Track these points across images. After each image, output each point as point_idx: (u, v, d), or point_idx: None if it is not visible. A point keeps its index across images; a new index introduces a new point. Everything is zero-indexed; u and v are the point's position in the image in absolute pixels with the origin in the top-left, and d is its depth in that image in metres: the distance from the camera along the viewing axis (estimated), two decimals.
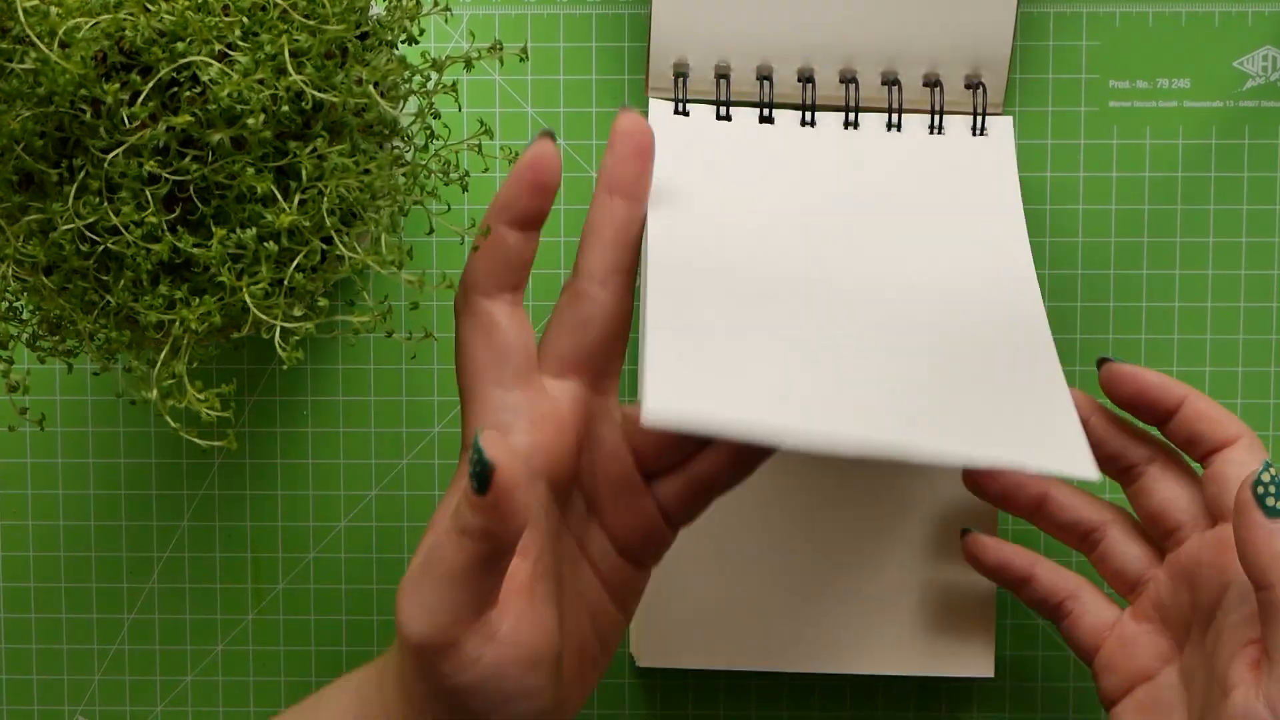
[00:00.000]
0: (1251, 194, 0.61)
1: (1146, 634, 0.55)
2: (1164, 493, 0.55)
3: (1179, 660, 0.54)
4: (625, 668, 0.63)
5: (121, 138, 0.45)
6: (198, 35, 0.45)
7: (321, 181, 0.47)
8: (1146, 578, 0.55)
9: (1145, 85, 0.61)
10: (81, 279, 0.47)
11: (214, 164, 0.46)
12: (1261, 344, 0.61)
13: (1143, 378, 0.55)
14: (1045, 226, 0.61)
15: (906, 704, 0.62)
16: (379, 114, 0.48)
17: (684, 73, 0.59)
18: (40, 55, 0.44)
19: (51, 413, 0.62)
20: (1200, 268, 0.61)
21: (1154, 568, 0.55)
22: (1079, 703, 0.62)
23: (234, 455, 0.62)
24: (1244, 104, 0.61)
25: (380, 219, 0.49)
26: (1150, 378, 0.55)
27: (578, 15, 0.61)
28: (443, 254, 0.61)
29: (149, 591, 0.62)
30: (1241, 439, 0.53)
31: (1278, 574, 0.49)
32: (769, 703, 0.62)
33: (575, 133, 0.61)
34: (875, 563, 0.59)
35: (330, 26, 0.47)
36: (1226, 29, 0.61)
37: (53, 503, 0.62)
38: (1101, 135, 0.61)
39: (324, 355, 0.62)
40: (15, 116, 0.45)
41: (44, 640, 0.63)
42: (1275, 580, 0.49)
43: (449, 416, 0.62)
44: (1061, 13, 0.61)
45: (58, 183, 0.46)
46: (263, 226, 0.46)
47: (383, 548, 0.62)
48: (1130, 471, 0.56)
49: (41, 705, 0.63)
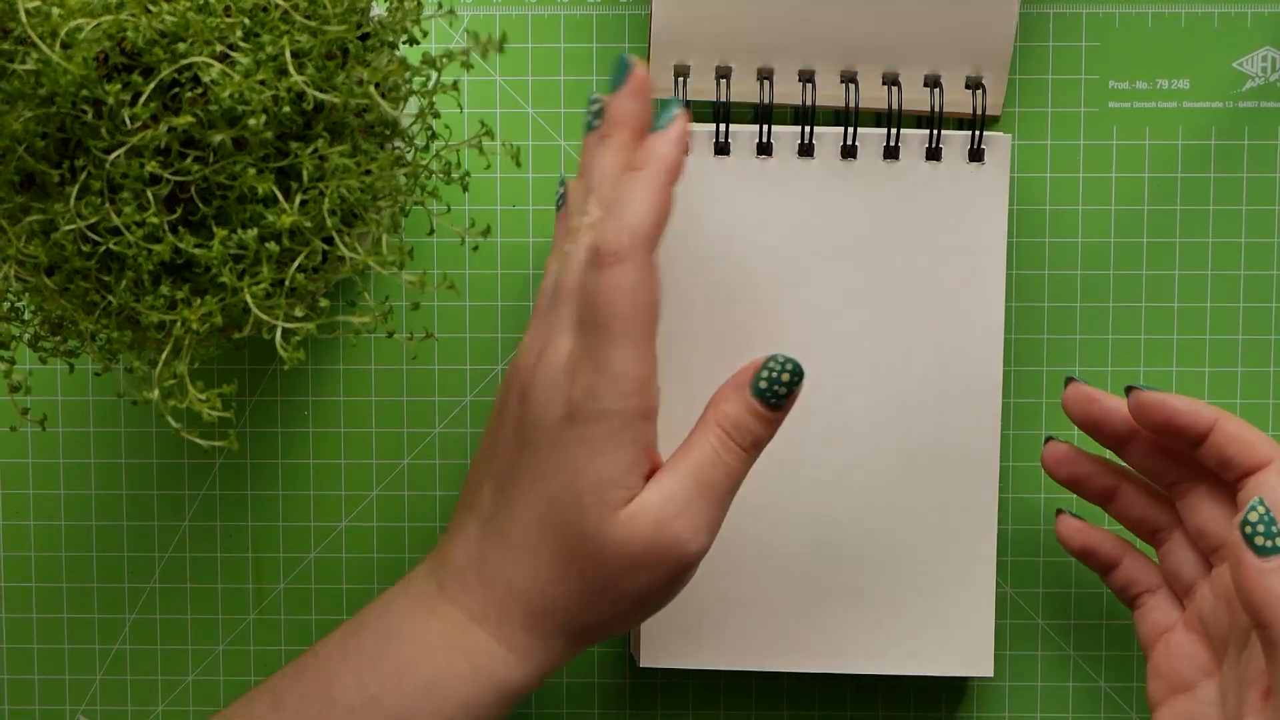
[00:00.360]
0: (1251, 194, 0.61)
1: (1191, 644, 0.55)
2: (1206, 511, 0.55)
3: (1218, 676, 0.54)
4: (625, 668, 0.63)
5: (123, 138, 0.45)
6: (199, 36, 0.45)
7: (323, 182, 0.47)
8: (1197, 588, 0.56)
9: (1145, 86, 0.61)
10: (83, 279, 0.47)
11: (215, 165, 0.46)
12: (1261, 344, 0.61)
13: (1170, 404, 0.54)
14: (1045, 226, 0.61)
15: (906, 704, 0.62)
16: (380, 114, 0.48)
17: (684, 73, 0.59)
18: (42, 56, 0.44)
19: (53, 413, 0.62)
20: (1200, 268, 0.61)
21: (1205, 579, 0.56)
22: (1079, 703, 0.62)
23: (235, 455, 0.62)
24: (1243, 104, 0.61)
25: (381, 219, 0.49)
26: (1178, 404, 0.54)
27: (578, 16, 0.61)
28: (443, 254, 0.61)
29: (150, 591, 0.62)
30: (1274, 461, 0.53)
31: (1273, 613, 0.49)
32: (769, 703, 0.63)
33: (575, 133, 0.61)
34: (875, 563, 0.59)
35: (331, 27, 0.47)
36: (1226, 30, 0.61)
37: (54, 503, 0.62)
38: (1101, 136, 0.61)
39: (325, 356, 0.62)
40: (17, 117, 0.45)
41: (45, 640, 0.63)
42: (1271, 619, 0.49)
43: (450, 416, 0.62)
44: (1061, 13, 0.61)
45: (59, 183, 0.46)
46: (264, 227, 0.46)
47: (384, 548, 0.62)
48: (1177, 488, 0.56)
49: (43, 705, 0.63)
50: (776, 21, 0.58)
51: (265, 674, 0.62)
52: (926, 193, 0.59)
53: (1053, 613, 0.62)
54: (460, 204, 0.61)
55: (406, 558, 0.62)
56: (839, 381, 0.59)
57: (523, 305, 0.61)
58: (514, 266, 0.61)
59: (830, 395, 0.59)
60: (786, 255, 0.59)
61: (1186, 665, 0.55)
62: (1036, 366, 0.61)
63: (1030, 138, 0.61)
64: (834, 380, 0.59)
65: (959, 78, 0.59)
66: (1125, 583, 0.58)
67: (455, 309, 0.61)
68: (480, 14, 0.61)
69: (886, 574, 0.59)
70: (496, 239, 0.61)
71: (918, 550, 0.59)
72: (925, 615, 0.59)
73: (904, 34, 0.58)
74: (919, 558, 0.59)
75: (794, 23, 0.59)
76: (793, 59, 0.59)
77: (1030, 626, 0.62)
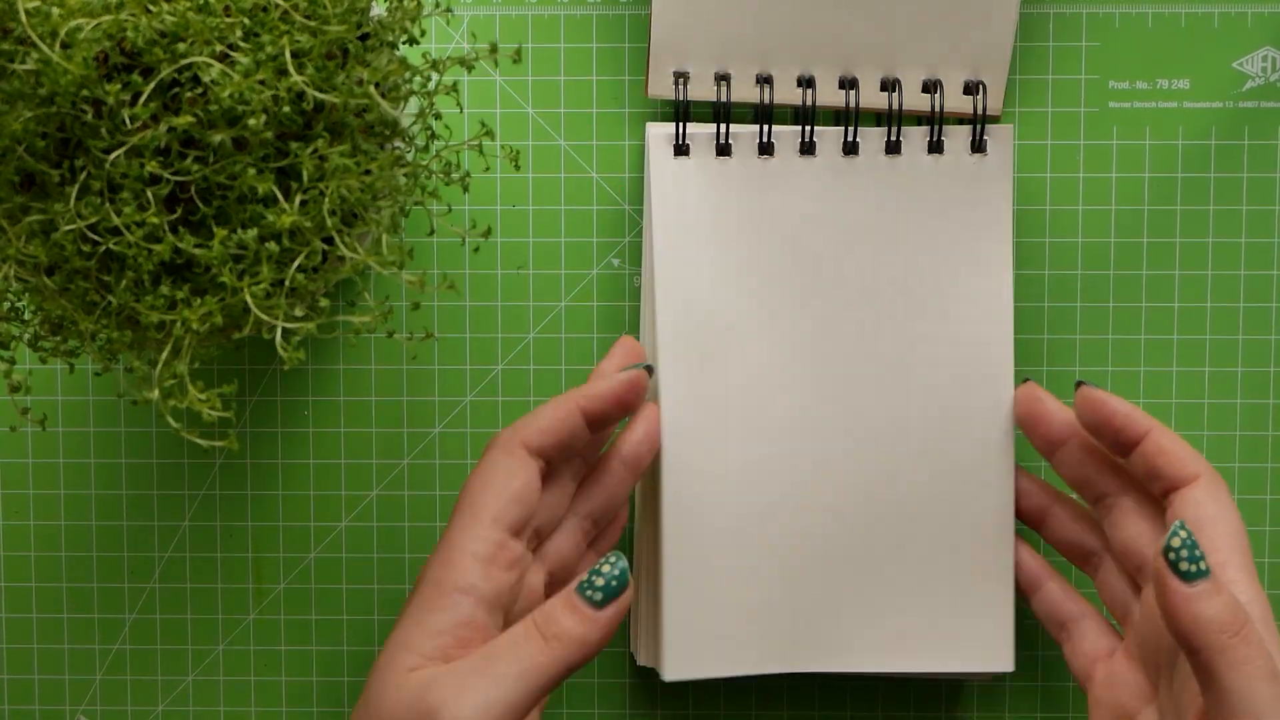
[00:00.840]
0: (1251, 194, 0.61)
1: (1130, 671, 0.54)
2: (1132, 528, 0.55)
3: (1156, 701, 0.53)
4: (625, 668, 0.63)
5: (123, 138, 0.45)
6: (199, 36, 0.45)
7: (323, 182, 0.47)
8: (1131, 611, 0.55)
9: (1145, 86, 0.61)
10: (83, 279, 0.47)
11: (215, 165, 0.46)
12: (1261, 344, 0.61)
13: (1108, 406, 0.54)
14: (1045, 226, 0.61)
15: (906, 704, 0.62)
16: (380, 114, 0.48)
17: (684, 76, 0.59)
18: (42, 56, 0.44)
19: (53, 413, 0.62)
20: (1200, 268, 0.61)
21: (1136, 601, 0.55)
22: (1079, 702, 0.62)
23: (235, 455, 0.62)
24: (1243, 105, 0.61)
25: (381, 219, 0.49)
26: (1116, 406, 0.54)
27: (578, 16, 0.61)
28: (444, 254, 0.61)
29: (150, 591, 0.63)
30: (1200, 478, 0.53)
31: (1201, 638, 0.48)
32: (769, 703, 0.63)
33: (575, 133, 0.61)
34: (891, 559, 0.59)
35: (331, 27, 0.47)
36: (1226, 30, 0.61)
37: (54, 503, 0.62)
38: (1101, 136, 0.61)
39: (325, 355, 0.62)
40: (17, 117, 0.45)
41: (45, 640, 0.63)
42: (1200, 644, 0.48)
43: (450, 417, 0.62)
44: (1061, 14, 0.61)
45: (59, 183, 0.46)
46: (264, 227, 0.46)
47: (384, 548, 0.62)
48: (1102, 503, 0.56)
49: (43, 705, 0.63)
50: (775, 26, 0.58)
51: (265, 674, 0.62)
52: (930, 185, 0.58)
53: None
54: (460, 204, 0.61)
55: (406, 557, 0.62)
56: (848, 377, 0.59)
57: (523, 305, 0.61)
58: (514, 267, 0.61)
59: (839, 391, 0.59)
60: (791, 252, 0.58)
61: (1127, 693, 0.54)
62: (1037, 366, 0.61)
63: (1030, 138, 0.61)
64: (843, 376, 0.59)
65: (958, 81, 0.59)
66: (1050, 609, 0.57)
67: (455, 309, 0.61)
68: (480, 14, 0.61)
69: (903, 570, 0.59)
70: (496, 239, 0.61)
71: (933, 545, 0.59)
72: (943, 611, 0.59)
73: (903, 37, 0.58)
74: (935, 553, 0.59)
75: (793, 27, 0.58)
76: (792, 63, 0.59)
77: (1031, 626, 0.62)
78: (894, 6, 0.58)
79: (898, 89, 0.59)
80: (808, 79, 0.59)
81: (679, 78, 0.59)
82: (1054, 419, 0.56)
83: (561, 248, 0.61)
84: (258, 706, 0.63)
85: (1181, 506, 0.52)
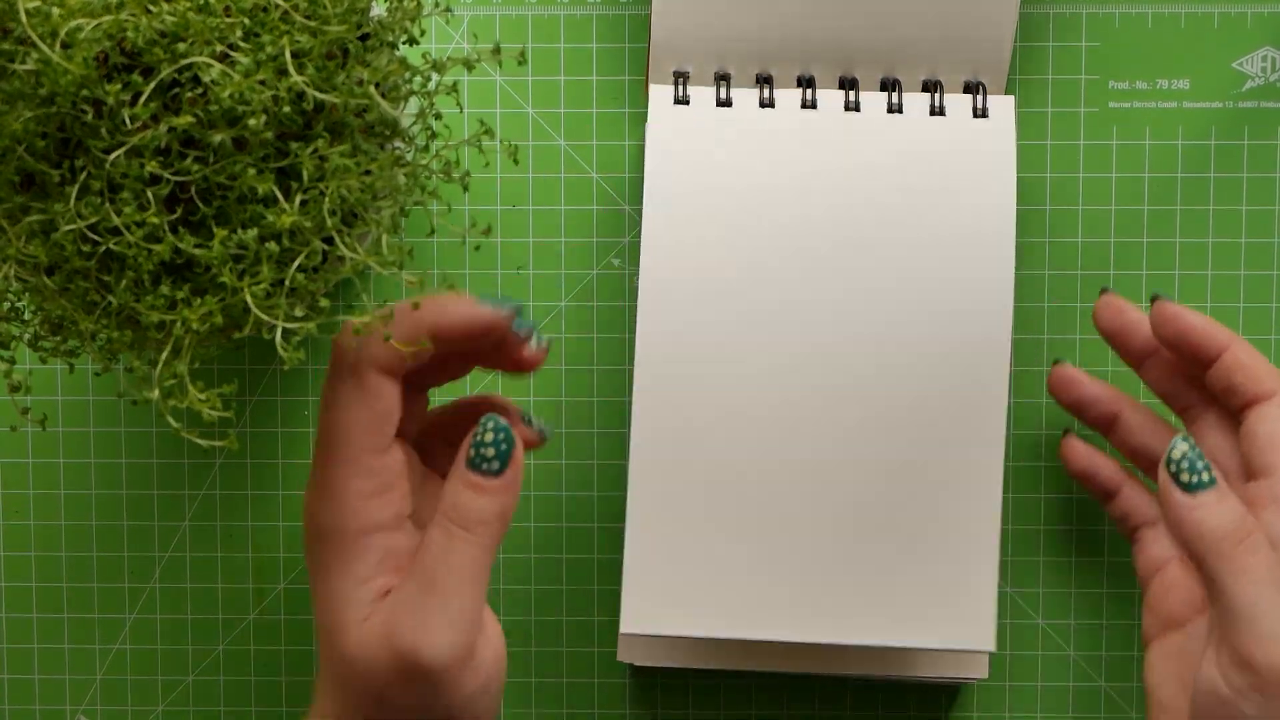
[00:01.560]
0: (1251, 195, 0.61)
1: (1185, 580, 0.55)
2: (1211, 440, 0.55)
3: (1207, 614, 0.53)
4: (625, 667, 0.63)
5: (123, 138, 0.45)
6: (199, 36, 0.45)
7: (323, 182, 0.47)
8: None
9: (1145, 86, 0.61)
10: (83, 279, 0.47)
11: (215, 165, 0.46)
12: (1261, 344, 0.61)
13: (1185, 319, 0.54)
14: (1045, 226, 0.61)
15: (906, 704, 0.62)
16: (380, 115, 0.48)
17: (684, 76, 0.59)
18: (42, 56, 0.44)
19: (53, 413, 0.62)
20: (1200, 268, 0.61)
21: None
22: (1079, 703, 0.62)
23: (235, 455, 0.62)
24: (1243, 105, 0.61)
25: (381, 219, 0.49)
26: (1194, 320, 0.54)
27: (579, 16, 0.61)
28: (444, 254, 0.61)
29: (150, 591, 0.63)
30: (1277, 395, 0.53)
31: (1203, 548, 0.49)
32: (769, 703, 0.63)
33: (575, 133, 0.61)
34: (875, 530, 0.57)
35: (331, 27, 0.47)
36: (1226, 30, 0.61)
37: (54, 503, 0.62)
38: (1101, 136, 0.61)
39: (325, 355, 0.62)
40: (17, 117, 0.45)
41: (46, 640, 0.63)
42: (1201, 553, 0.49)
43: None
44: (1061, 14, 0.61)
45: (59, 183, 0.46)
46: (264, 227, 0.46)
47: None
48: (1188, 413, 0.56)
49: (43, 705, 0.63)
50: (775, 26, 0.58)
51: (265, 674, 0.63)
52: (931, 145, 0.58)
53: (1053, 613, 0.62)
54: (460, 204, 0.61)
55: None
56: (843, 341, 0.57)
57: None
58: (513, 267, 0.61)
59: (834, 354, 0.57)
60: (790, 209, 0.57)
61: (1179, 602, 0.55)
62: (1037, 366, 0.61)
63: (1030, 137, 0.61)
64: (838, 340, 0.57)
65: (958, 81, 0.59)
66: (1123, 513, 0.58)
67: None
68: (480, 14, 0.61)
69: (886, 542, 0.57)
70: (496, 239, 0.61)
71: (919, 518, 0.57)
72: (925, 586, 0.57)
73: (903, 37, 0.58)
74: (920, 526, 0.57)
75: (793, 27, 0.58)
76: (792, 63, 0.59)
77: (1030, 626, 0.62)
78: (894, 6, 0.58)
79: (898, 89, 0.59)
80: (808, 79, 0.59)
81: (679, 78, 0.59)
82: (1139, 331, 0.57)
83: (561, 247, 0.61)
84: (258, 707, 0.63)
85: (1256, 421, 0.53)
